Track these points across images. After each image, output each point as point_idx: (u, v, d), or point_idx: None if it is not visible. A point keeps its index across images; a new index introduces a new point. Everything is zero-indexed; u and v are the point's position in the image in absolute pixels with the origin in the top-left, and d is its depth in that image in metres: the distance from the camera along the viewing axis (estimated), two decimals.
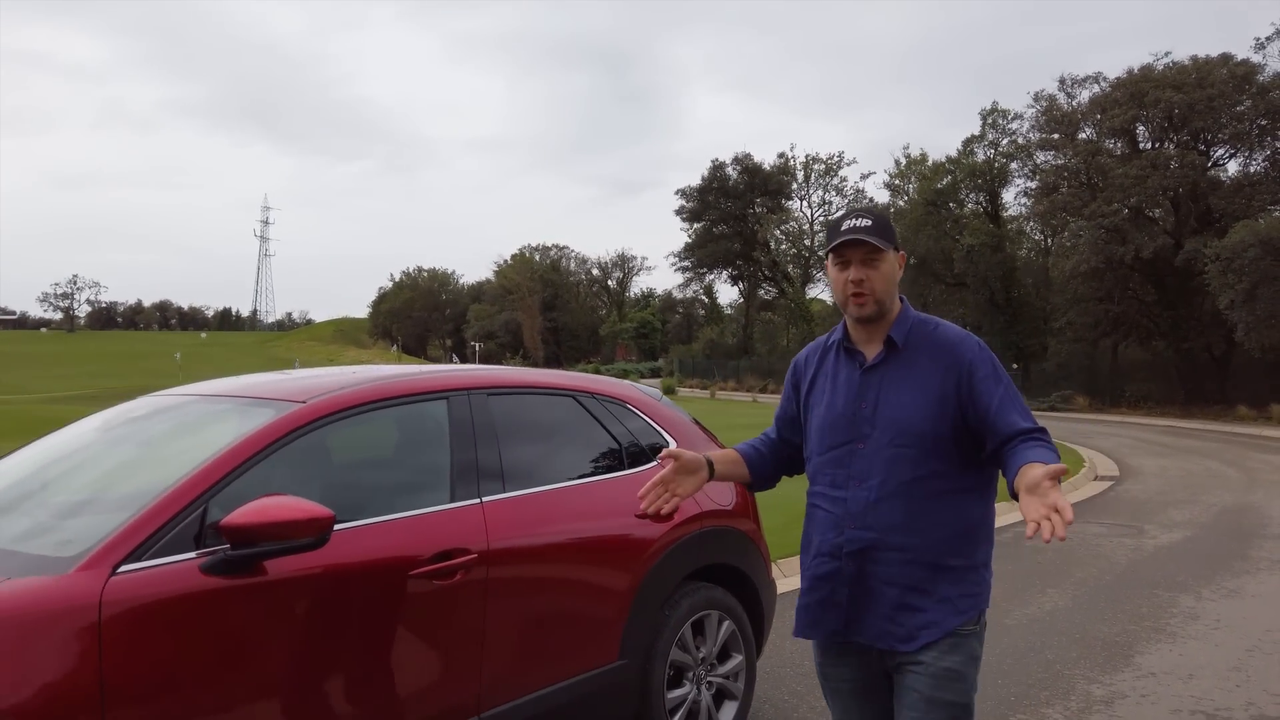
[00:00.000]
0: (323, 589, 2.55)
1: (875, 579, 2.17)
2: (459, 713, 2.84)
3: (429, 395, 3.15)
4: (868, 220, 2.21)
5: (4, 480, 2.92)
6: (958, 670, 2.14)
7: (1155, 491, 12.09)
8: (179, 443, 2.91)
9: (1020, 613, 6.06)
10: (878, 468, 2.17)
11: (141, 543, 2.31)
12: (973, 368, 2.16)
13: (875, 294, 2.19)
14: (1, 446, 13.28)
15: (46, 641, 2.09)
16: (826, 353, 2.36)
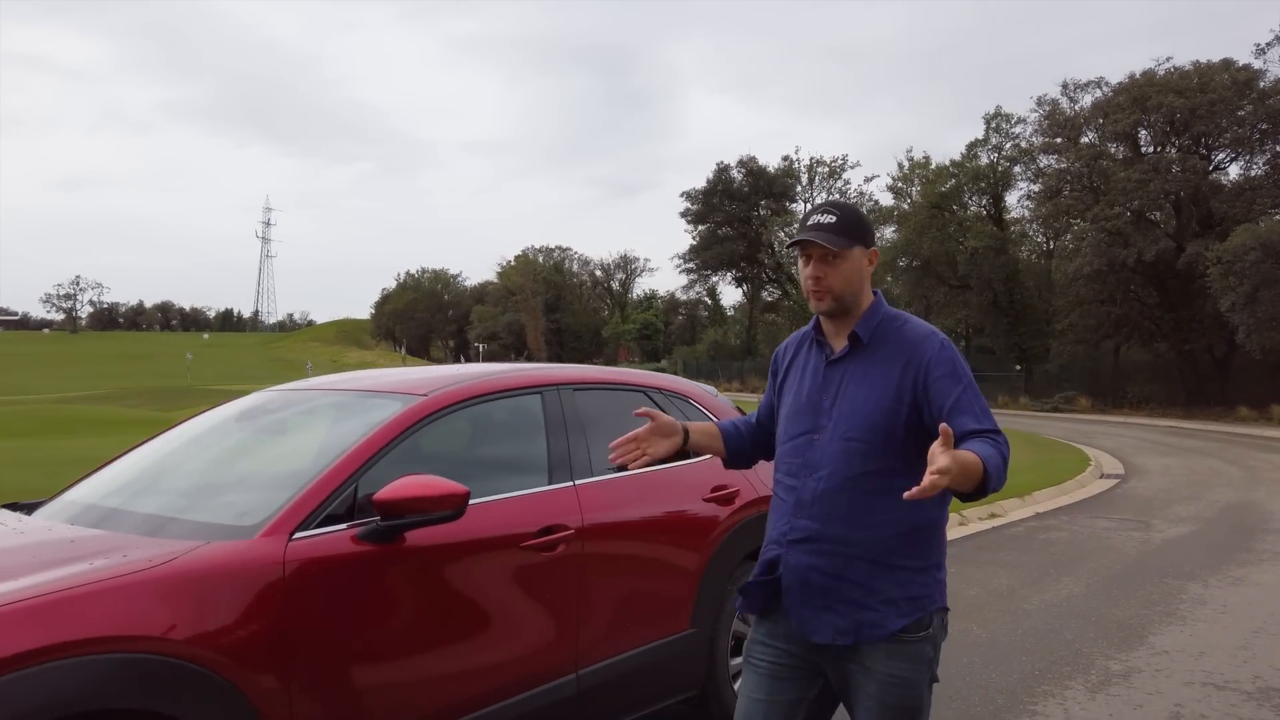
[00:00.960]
0: (454, 556, 2.93)
1: (817, 570, 2.18)
2: (560, 670, 3.21)
3: (526, 390, 3.53)
4: (833, 217, 2.22)
5: (163, 463, 3.30)
6: (905, 677, 2.13)
7: (1160, 489, 12.47)
8: (317, 431, 3.29)
9: (1039, 598, 6.43)
10: (828, 459, 2.19)
11: (309, 514, 2.69)
12: (931, 365, 2.16)
13: (833, 291, 2.21)
14: (32, 444, 13.61)
15: (246, 593, 2.47)
16: (803, 344, 2.39)
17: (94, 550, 2.48)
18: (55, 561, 2.40)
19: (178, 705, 2.28)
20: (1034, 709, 4.29)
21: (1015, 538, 8.90)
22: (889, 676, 2.12)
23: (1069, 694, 4.50)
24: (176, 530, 2.66)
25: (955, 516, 9.65)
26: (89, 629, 2.18)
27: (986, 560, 7.75)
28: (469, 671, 2.94)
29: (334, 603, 2.65)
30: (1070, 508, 10.88)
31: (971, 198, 40.74)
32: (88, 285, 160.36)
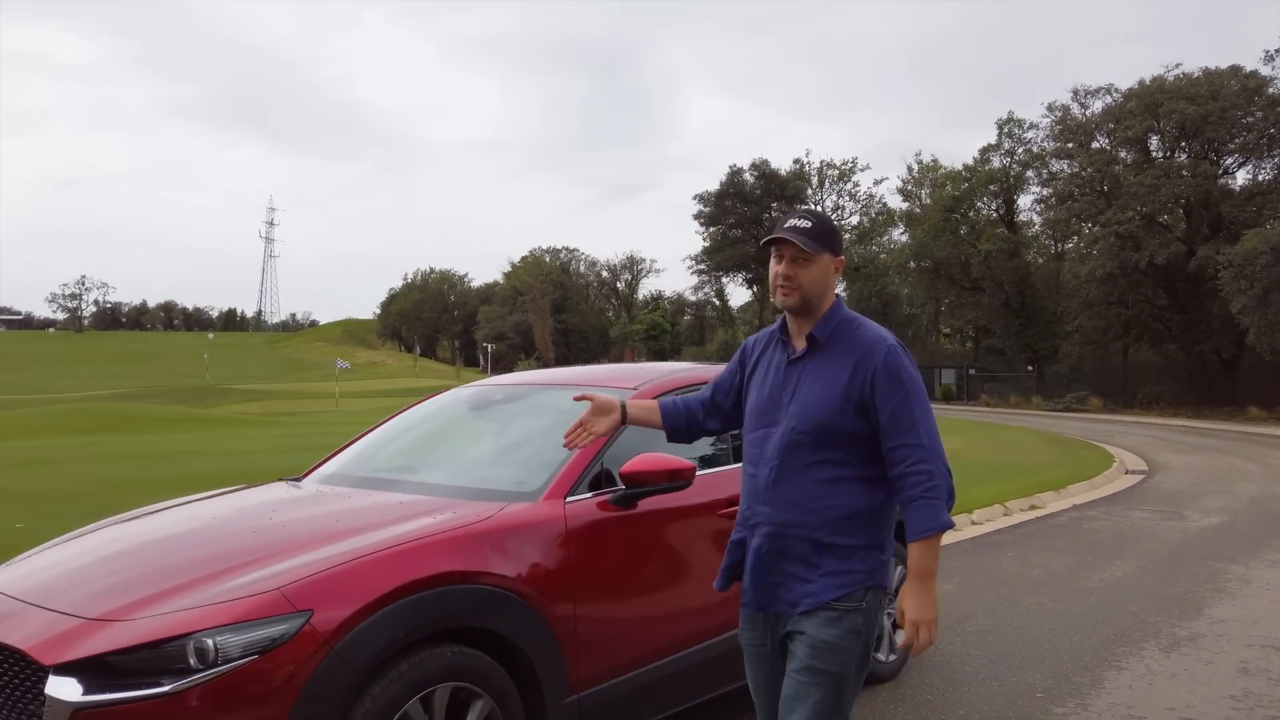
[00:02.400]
0: (675, 518, 3.57)
1: (770, 552, 2.36)
2: (715, 631, 3.83)
3: (704, 384, 4.16)
4: (808, 223, 2.38)
5: (415, 443, 3.94)
6: (834, 643, 2.27)
7: (1186, 484, 13.10)
8: (550, 416, 3.91)
9: (1097, 578, 7.06)
10: (780, 451, 2.35)
11: (574, 483, 3.32)
12: (877, 370, 2.29)
13: (801, 290, 2.35)
14: (107, 439, 14.22)
15: (543, 542, 3.10)
16: (770, 342, 2.53)
17: (425, 510, 3.11)
18: (403, 517, 3.04)
19: (505, 625, 2.91)
20: (1119, 665, 4.92)
21: (1060, 527, 9.53)
22: (819, 642, 2.27)
23: (1145, 654, 5.12)
24: (475, 495, 3.29)
25: (1000, 508, 10.28)
26: (449, 564, 2.82)
27: (1040, 546, 8.38)
28: (688, 611, 3.58)
29: (596, 551, 3.28)
30: (1104, 500, 11.50)
31: (984, 201, 41.38)
32: (93, 285, 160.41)
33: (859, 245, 54.22)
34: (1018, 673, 4.76)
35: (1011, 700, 4.37)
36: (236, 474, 11.23)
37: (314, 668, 2.48)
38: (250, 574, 2.64)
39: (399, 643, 2.64)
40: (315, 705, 2.48)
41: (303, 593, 2.56)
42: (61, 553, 3.14)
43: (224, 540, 3.00)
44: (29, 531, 7.60)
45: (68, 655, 2.41)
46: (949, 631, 5.47)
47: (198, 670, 2.40)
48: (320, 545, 2.81)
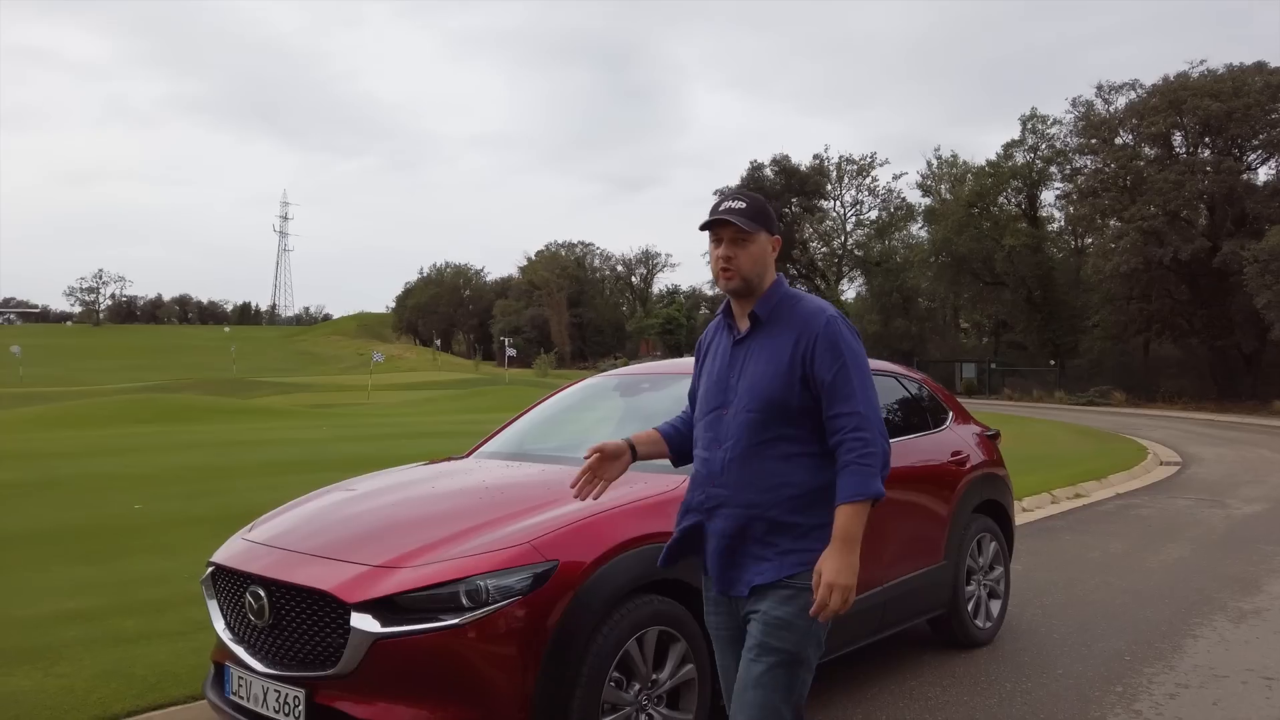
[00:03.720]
0: None
1: (726, 534, 2.37)
2: (878, 582, 4.27)
3: None
4: (743, 203, 2.38)
5: (574, 423, 4.39)
6: (788, 620, 2.26)
7: (1222, 474, 13.47)
8: None
9: (1155, 559, 7.47)
10: (733, 431, 2.36)
11: None
12: (817, 341, 2.31)
13: (742, 271, 2.36)
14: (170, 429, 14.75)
15: None
16: (719, 328, 2.54)
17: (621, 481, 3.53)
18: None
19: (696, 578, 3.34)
20: (1194, 634, 5.33)
21: (1108, 514, 9.93)
22: (773, 619, 2.27)
23: (1216, 624, 5.54)
24: (653, 469, 3.72)
25: (1047, 495, 10.68)
26: (654, 526, 3.25)
27: (1094, 531, 8.78)
28: None
29: None
30: (1145, 489, 11.89)
31: (1006, 196, 41.65)
32: (110, 278, 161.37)
33: (878, 240, 54.47)
34: (1102, 640, 5.18)
35: (1103, 662, 4.79)
36: (317, 461, 11.74)
37: (562, 609, 2.94)
38: (500, 530, 3.09)
39: (622, 590, 3.09)
40: (564, 641, 2.93)
41: (549, 545, 3.01)
42: (309, 514, 3.59)
43: (460, 503, 3.46)
44: (147, 512, 8.10)
45: (365, 596, 2.86)
46: (1030, 605, 5.89)
47: (470, 609, 2.85)
48: (546, 508, 3.25)
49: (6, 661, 4.16)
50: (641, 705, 3.18)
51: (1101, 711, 4.09)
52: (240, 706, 3.11)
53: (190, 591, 5.41)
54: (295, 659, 2.98)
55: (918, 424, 5.02)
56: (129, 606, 5.08)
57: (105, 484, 9.68)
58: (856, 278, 55.93)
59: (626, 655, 3.11)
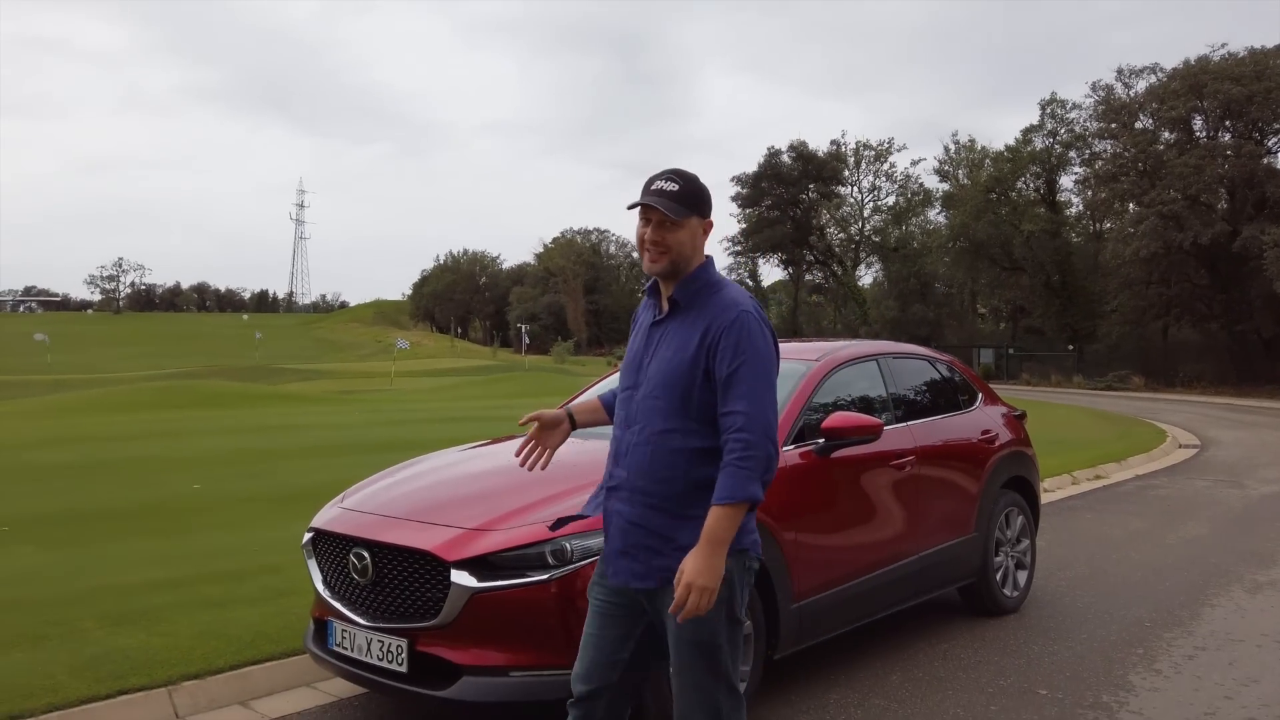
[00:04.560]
0: (865, 465, 4.31)
1: (622, 517, 2.34)
2: (913, 551, 4.58)
3: (868, 358, 4.89)
4: (675, 185, 2.30)
5: None
6: (698, 616, 2.20)
7: (1240, 456, 13.67)
8: None
9: (1174, 537, 7.73)
10: (640, 415, 2.34)
11: (785, 435, 4.06)
12: (722, 334, 2.24)
13: (670, 254, 2.31)
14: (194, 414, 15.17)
15: (778, 478, 3.79)
16: (647, 304, 2.50)
17: None
18: None
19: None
20: (1211, 603, 5.61)
21: (1128, 494, 10.18)
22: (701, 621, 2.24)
23: (1232, 595, 5.81)
24: None
25: (1068, 477, 10.94)
26: None
27: (1115, 510, 9.05)
28: (875, 543, 4.33)
29: (806, 490, 4.03)
30: (1164, 471, 12.12)
31: (1025, 181, 41.62)
32: (130, 266, 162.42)
33: (895, 226, 54.45)
34: (1124, 608, 5.47)
35: (1125, 628, 5.08)
36: (356, 444, 12.13)
37: None
38: (580, 497, 3.40)
39: None
40: None
41: None
42: (399, 484, 3.92)
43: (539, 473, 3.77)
44: (205, 492, 8.49)
45: (463, 555, 3.20)
46: (1053, 577, 6.18)
47: (555, 566, 3.18)
48: None
49: (111, 623, 4.52)
50: None
51: (1124, 671, 4.39)
52: (345, 656, 3.45)
53: (263, 562, 5.79)
54: (397, 612, 3.32)
55: (949, 404, 5.31)
56: (209, 576, 5.44)
57: (158, 466, 10.09)
58: (874, 263, 55.95)
59: None
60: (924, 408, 5.07)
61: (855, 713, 3.87)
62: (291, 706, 3.93)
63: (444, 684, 3.20)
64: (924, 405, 5.09)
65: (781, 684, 4.12)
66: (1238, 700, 4.02)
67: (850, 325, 52.79)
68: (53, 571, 5.62)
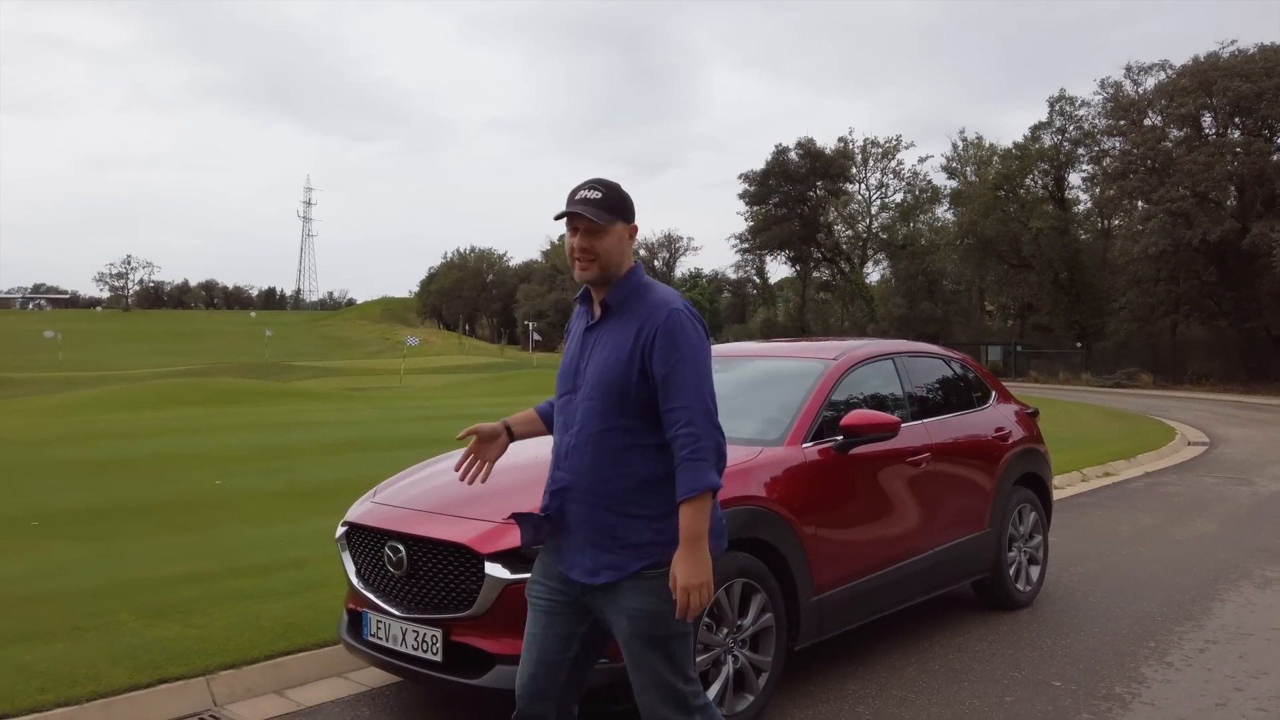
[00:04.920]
0: (882, 461, 4.41)
1: (571, 517, 2.40)
2: (928, 546, 4.67)
3: (883, 357, 4.98)
4: (598, 193, 2.37)
5: None
6: (651, 610, 2.31)
7: (1249, 454, 13.72)
8: (767, 378, 4.76)
9: (1184, 533, 7.81)
10: (579, 417, 2.39)
11: (805, 432, 4.17)
12: (657, 333, 2.30)
13: (598, 261, 2.37)
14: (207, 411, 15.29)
15: (794, 475, 3.95)
16: (579, 311, 2.56)
17: None
18: None
19: (772, 536, 3.77)
20: (1221, 598, 5.70)
21: (1138, 491, 10.25)
22: (636, 611, 2.32)
23: (1242, 590, 5.89)
24: (731, 442, 4.13)
25: (1077, 474, 11.01)
26: (740, 490, 3.67)
27: (1125, 507, 9.13)
28: (892, 538, 4.43)
29: (825, 485, 4.13)
30: (1174, 468, 12.18)
31: (1033, 178, 41.59)
32: (138, 264, 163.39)
33: (903, 223, 54.43)
34: (1135, 603, 5.56)
35: (1136, 621, 5.17)
36: (372, 440, 12.26)
37: None
38: None
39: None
40: None
41: None
42: (430, 478, 4.03)
43: None
44: (226, 488, 8.62)
45: (496, 547, 3.30)
46: (1065, 572, 6.27)
47: None
48: None
49: (146, 615, 4.64)
50: (728, 647, 3.60)
51: (1136, 663, 4.48)
52: (380, 646, 3.56)
53: (288, 556, 5.91)
54: (431, 603, 3.43)
55: (963, 402, 5.40)
56: (236, 570, 5.56)
57: (178, 462, 10.23)
58: (881, 260, 55.94)
59: (716, 603, 3.54)
60: (939, 405, 5.17)
61: (873, 702, 3.97)
62: (326, 695, 4.04)
63: (478, 673, 3.30)
64: (939, 403, 5.19)
65: (802, 675, 4.23)
66: (1248, 692, 4.11)
67: (858, 323, 52.79)
68: (84, 565, 5.75)
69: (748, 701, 3.65)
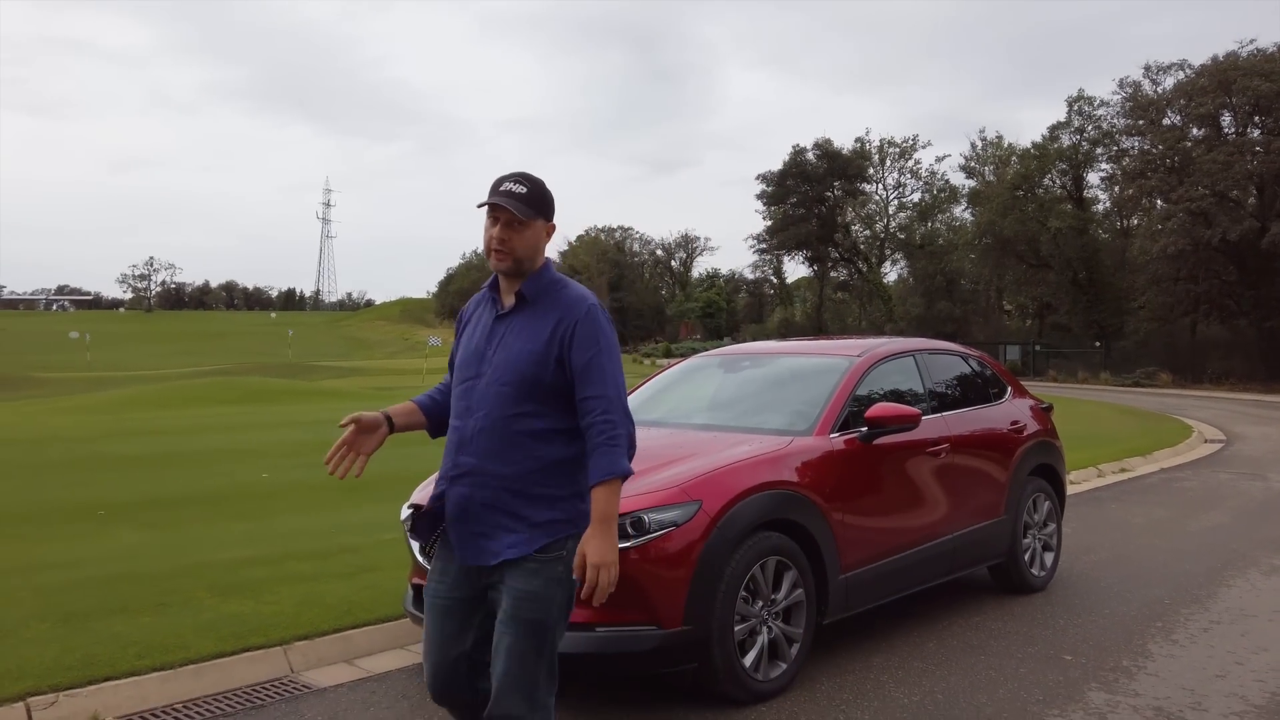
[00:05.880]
0: (905, 452, 4.73)
1: (474, 502, 2.42)
2: (947, 531, 4.98)
3: (904, 354, 5.30)
4: (523, 188, 2.45)
5: (680, 394, 5.18)
6: (536, 593, 2.36)
7: (1265, 451, 13.91)
8: (793, 375, 5.09)
9: (1196, 525, 8.07)
10: (485, 402, 2.44)
11: (833, 424, 4.49)
12: (576, 326, 2.41)
13: (515, 253, 2.45)
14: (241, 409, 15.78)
15: (822, 462, 4.27)
16: (482, 302, 2.60)
17: (738, 442, 4.30)
18: (727, 445, 4.23)
19: (803, 518, 4.10)
20: (1229, 585, 5.98)
21: (1152, 486, 10.50)
22: (522, 592, 2.37)
23: (1249, 577, 6.17)
24: (764, 432, 4.48)
25: (1093, 470, 11.26)
26: (772, 476, 4.01)
27: (1139, 501, 9.39)
28: (913, 523, 4.76)
29: (851, 473, 4.45)
30: (1189, 465, 12.40)
31: (1052, 178, 41.63)
32: (160, 265, 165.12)
33: (921, 223, 54.53)
34: (1144, 589, 5.85)
35: (1145, 605, 5.47)
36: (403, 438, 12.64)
37: (706, 538, 3.70)
38: (652, 477, 3.85)
39: (750, 526, 3.85)
40: (708, 562, 3.69)
41: (694, 489, 3.78)
42: None
43: None
44: (274, 480, 9.03)
45: None
46: (1078, 560, 6.56)
47: (635, 536, 3.62)
48: (682, 462, 4.02)
49: (220, 593, 5.03)
50: (764, 619, 3.94)
51: (1143, 640, 4.78)
52: None
53: (342, 543, 6.29)
54: None
55: (980, 397, 5.71)
56: (296, 554, 5.94)
57: (224, 457, 10.67)
58: (899, 260, 56.06)
59: (753, 578, 3.87)
60: (957, 400, 5.48)
61: (896, 673, 4.29)
62: (392, 664, 4.41)
63: None
64: (957, 398, 5.50)
65: (830, 649, 4.55)
66: (1248, 665, 4.41)
67: (875, 322, 52.92)
68: (154, 550, 6.14)
69: (781, 669, 3.99)
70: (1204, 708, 3.90)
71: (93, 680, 3.84)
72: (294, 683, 4.15)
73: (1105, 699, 3.99)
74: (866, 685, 4.14)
